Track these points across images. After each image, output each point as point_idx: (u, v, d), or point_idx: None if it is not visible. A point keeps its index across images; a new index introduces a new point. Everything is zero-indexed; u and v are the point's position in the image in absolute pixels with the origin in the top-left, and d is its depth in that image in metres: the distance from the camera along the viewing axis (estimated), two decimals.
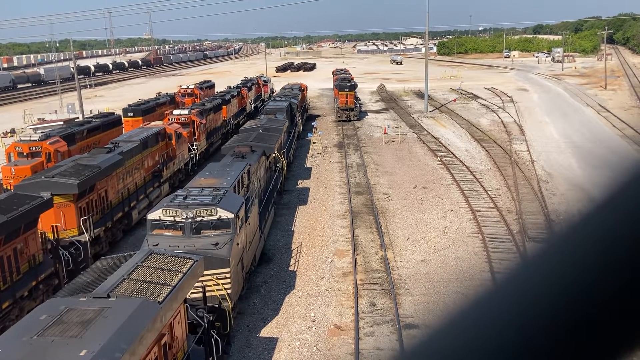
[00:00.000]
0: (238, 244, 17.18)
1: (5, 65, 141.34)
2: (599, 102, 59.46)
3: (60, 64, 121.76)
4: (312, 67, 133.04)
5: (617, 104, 58.34)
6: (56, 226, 19.70)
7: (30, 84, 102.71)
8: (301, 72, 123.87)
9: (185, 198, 17.45)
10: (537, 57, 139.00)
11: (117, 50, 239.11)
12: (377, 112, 59.98)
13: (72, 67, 78.03)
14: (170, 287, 11.57)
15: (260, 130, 30.44)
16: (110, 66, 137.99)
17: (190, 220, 16.62)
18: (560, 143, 40.87)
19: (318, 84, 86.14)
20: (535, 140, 41.98)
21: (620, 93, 68.43)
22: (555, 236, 0.86)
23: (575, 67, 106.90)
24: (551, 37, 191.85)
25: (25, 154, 28.08)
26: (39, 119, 55.48)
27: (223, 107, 44.90)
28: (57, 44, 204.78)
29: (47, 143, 28.61)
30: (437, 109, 59.90)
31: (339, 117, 53.17)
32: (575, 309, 0.79)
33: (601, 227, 0.83)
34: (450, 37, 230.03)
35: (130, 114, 41.12)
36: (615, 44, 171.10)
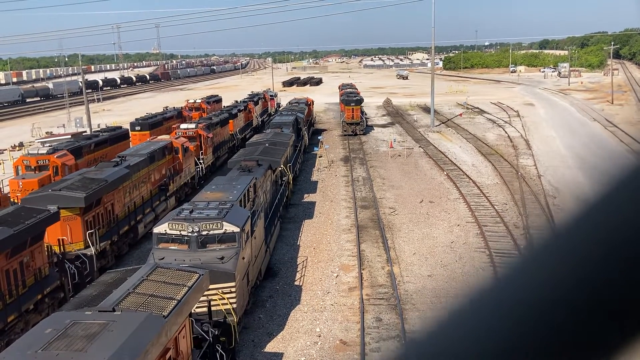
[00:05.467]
0: (244, 258, 17.15)
1: (14, 80, 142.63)
2: (606, 117, 59.31)
3: (68, 79, 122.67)
4: (318, 82, 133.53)
5: (624, 119, 58.18)
6: (62, 239, 19.72)
7: (39, 98, 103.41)
8: (307, 86, 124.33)
9: (191, 212, 17.46)
10: (543, 72, 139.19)
11: (126, 64, 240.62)
12: (383, 126, 60.05)
13: (81, 82, 78.63)
14: (176, 301, 11.54)
15: (267, 144, 30.50)
16: (118, 80, 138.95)
17: (196, 234, 16.61)
18: (567, 158, 40.72)
19: (324, 98, 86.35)
20: (542, 154, 41.85)
21: (627, 108, 68.30)
22: (555, 234, 0.86)
23: (582, 82, 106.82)
24: (557, 52, 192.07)
25: (32, 167, 28.24)
26: (47, 133, 55.88)
27: (230, 121, 45.11)
28: (66, 59, 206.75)
29: (55, 156, 28.76)
30: (443, 123, 59.92)
31: (345, 131, 53.22)
32: (575, 307, 0.79)
33: (601, 225, 0.83)
34: (456, 52, 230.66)
35: (138, 127, 41.31)
36: (621, 59, 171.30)
